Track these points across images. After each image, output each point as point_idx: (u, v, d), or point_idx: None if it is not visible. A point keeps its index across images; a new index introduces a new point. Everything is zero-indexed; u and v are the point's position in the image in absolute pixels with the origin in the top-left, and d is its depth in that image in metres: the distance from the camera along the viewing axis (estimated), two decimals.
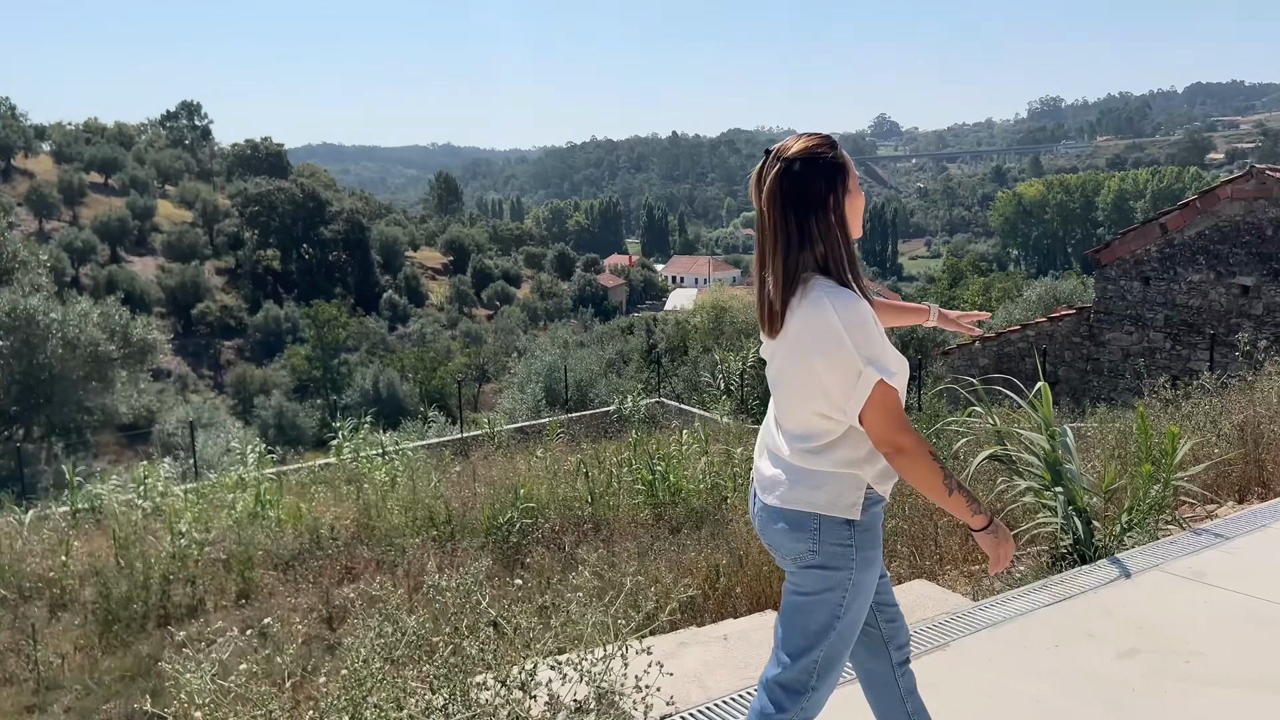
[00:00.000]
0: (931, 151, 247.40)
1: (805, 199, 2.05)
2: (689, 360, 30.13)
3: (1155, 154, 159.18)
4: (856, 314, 2.00)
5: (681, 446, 12.97)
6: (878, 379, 2.00)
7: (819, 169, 2.06)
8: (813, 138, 2.12)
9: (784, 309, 2.07)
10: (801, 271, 2.06)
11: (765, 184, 2.09)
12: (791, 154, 2.08)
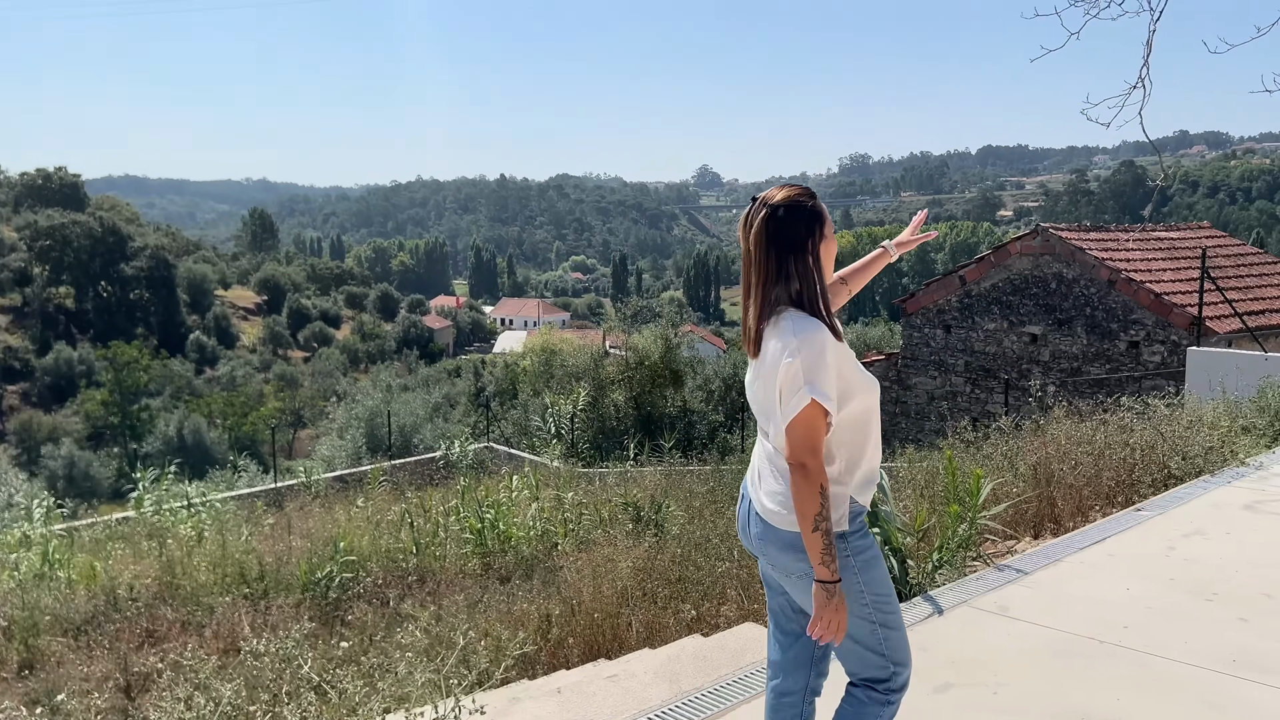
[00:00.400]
0: None
1: (787, 241, 2.31)
2: (519, 404, 29.90)
3: (953, 209, 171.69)
4: (814, 340, 2.23)
5: (511, 492, 12.79)
6: (811, 399, 2.19)
7: (800, 215, 2.32)
8: (795, 188, 2.37)
9: (760, 334, 2.33)
10: (778, 304, 2.32)
11: (753, 226, 2.33)
12: (776, 201, 2.33)
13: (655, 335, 25.52)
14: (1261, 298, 15.17)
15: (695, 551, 6.49)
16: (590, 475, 15.72)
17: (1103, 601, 4.10)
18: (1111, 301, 14.40)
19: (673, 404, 24.91)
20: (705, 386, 30.25)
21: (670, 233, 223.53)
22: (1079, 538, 4.96)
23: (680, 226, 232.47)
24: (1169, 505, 5.47)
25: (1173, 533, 4.96)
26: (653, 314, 32.19)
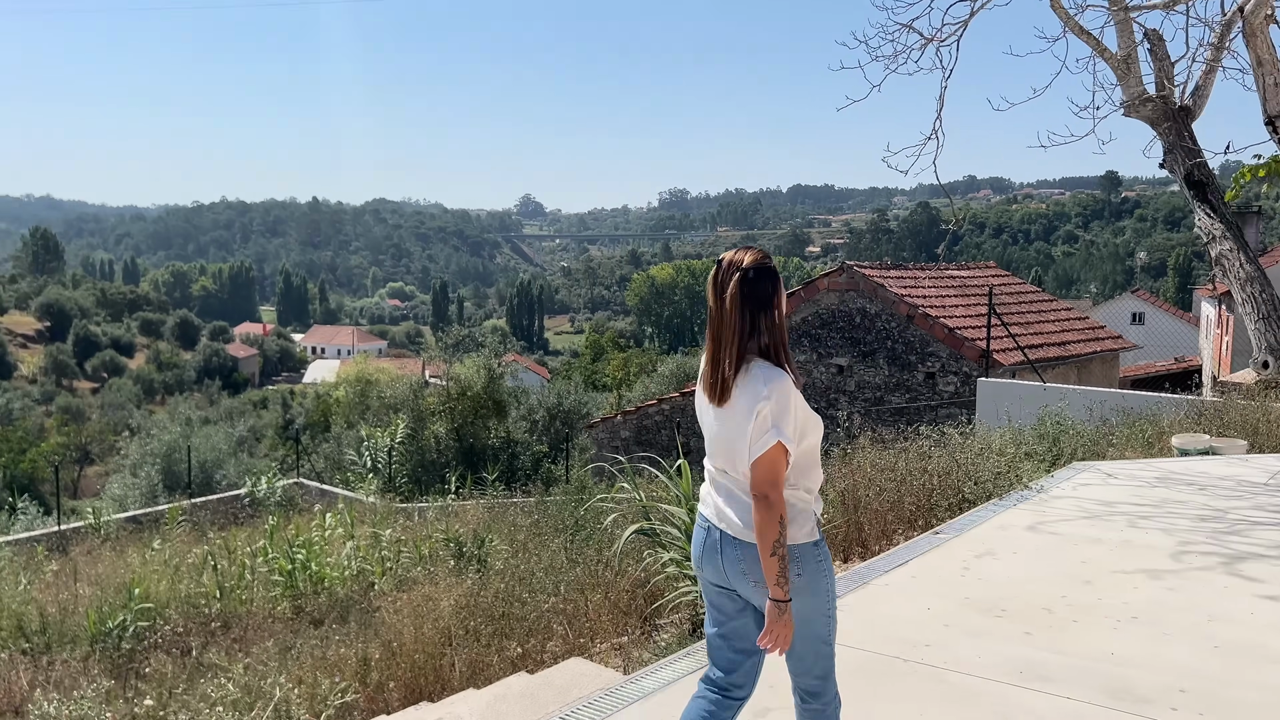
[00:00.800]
0: (574, 233, 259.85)
1: (758, 300, 2.62)
2: (332, 436, 28.77)
3: (766, 244, 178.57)
4: (781, 389, 2.57)
5: (324, 531, 12.27)
6: (776, 440, 2.54)
7: (767, 276, 2.64)
8: (756, 252, 2.69)
9: (732, 384, 2.62)
10: (748, 355, 2.61)
11: (728, 288, 2.62)
12: (747, 264, 2.64)
13: (478, 365, 25.20)
14: (1040, 332, 16.60)
15: (519, 586, 6.43)
16: (409, 510, 15.31)
17: (906, 621, 4.35)
18: (910, 335, 15.38)
19: (496, 435, 24.63)
20: (529, 417, 30.09)
21: (493, 261, 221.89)
22: (884, 561, 5.25)
23: (503, 255, 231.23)
24: (964, 528, 5.88)
25: (967, 554, 5.33)
26: (475, 343, 31.81)
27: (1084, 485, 6.99)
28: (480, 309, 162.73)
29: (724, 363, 2.63)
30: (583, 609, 5.55)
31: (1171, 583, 4.86)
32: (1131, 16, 7.94)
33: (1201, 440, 8.43)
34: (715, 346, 2.67)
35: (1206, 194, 7.80)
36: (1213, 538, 5.63)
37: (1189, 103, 8.10)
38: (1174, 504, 6.44)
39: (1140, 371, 26.98)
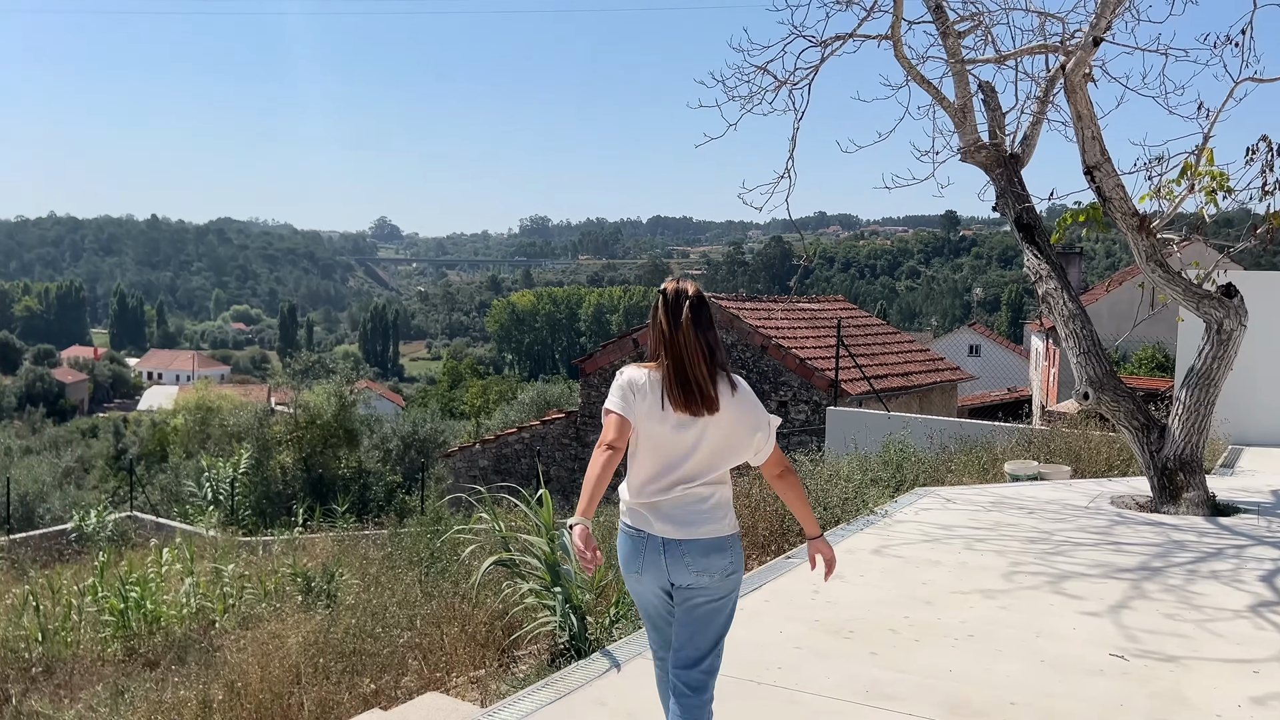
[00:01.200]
0: (432, 257, 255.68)
1: (708, 323, 2.99)
2: (169, 467, 27.24)
3: (626, 274, 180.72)
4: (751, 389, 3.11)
5: (161, 567, 11.63)
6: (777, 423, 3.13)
7: (706, 303, 3.05)
8: (692, 282, 3.09)
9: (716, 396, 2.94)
10: (717, 370, 2.96)
11: (683, 313, 2.95)
12: (693, 294, 3.01)
13: (328, 392, 24.40)
14: (885, 363, 17.37)
15: (372, 621, 6.25)
16: (253, 544, 14.67)
17: (761, 644, 4.46)
18: (764, 365, 15.83)
19: (347, 465, 23.88)
20: (382, 446, 29.31)
21: (345, 284, 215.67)
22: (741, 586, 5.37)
23: (356, 278, 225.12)
24: None
25: (817, 578, 5.51)
26: (325, 369, 30.86)
27: (925, 510, 7.35)
28: (331, 334, 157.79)
29: (700, 379, 2.94)
30: (438, 643, 5.44)
31: (1004, 601, 5.16)
32: (967, 69, 8.49)
33: (1031, 466, 9.00)
34: (679, 366, 2.93)
35: (1034, 236, 8.38)
36: (1040, 558, 6.01)
37: (1018, 151, 8.70)
38: (1006, 527, 6.84)
39: (977, 401, 28.56)
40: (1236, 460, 10.13)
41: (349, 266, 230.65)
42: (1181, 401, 7.65)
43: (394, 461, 29.24)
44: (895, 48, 8.26)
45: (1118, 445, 9.51)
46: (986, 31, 8.59)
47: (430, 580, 6.88)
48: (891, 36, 8.23)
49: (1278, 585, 5.48)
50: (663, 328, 2.94)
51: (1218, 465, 9.65)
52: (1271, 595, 5.30)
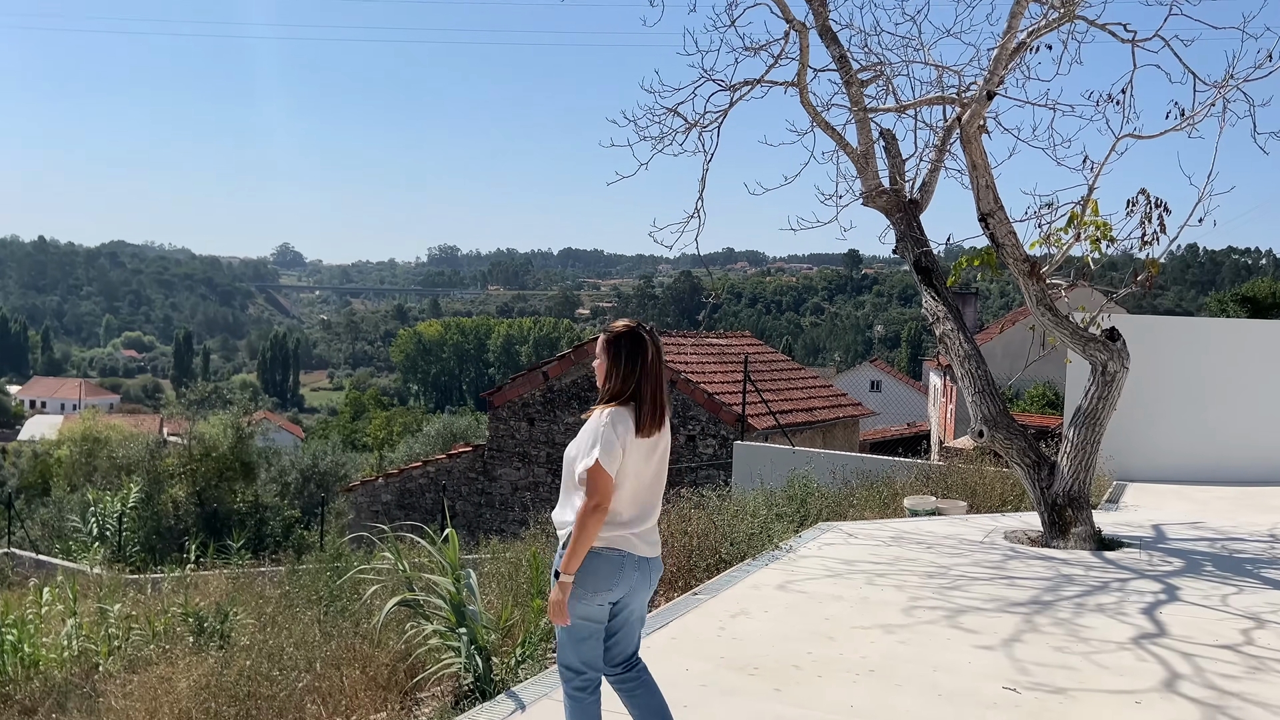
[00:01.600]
0: (336, 285, 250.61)
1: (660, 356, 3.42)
2: (52, 501, 25.92)
3: (537, 305, 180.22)
4: None
5: (40, 607, 11.05)
6: None
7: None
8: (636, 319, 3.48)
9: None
10: None
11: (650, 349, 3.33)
12: (651, 329, 3.40)
13: (224, 423, 23.62)
14: (790, 399, 17.69)
15: (268, 663, 6.04)
16: (141, 583, 14.06)
17: (666, 683, 4.45)
18: (674, 399, 15.94)
19: (243, 499, 23.10)
20: (281, 479, 28.46)
21: (245, 311, 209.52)
22: (647, 624, 5.37)
23: (257, 305, 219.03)
24: (719, 588, 6.13)
25: (723, 613, 5.56)
26: (222, 400, 29.86)
27: (828, 545, 7.48)
28: (229, 362, 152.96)
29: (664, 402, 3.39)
30: (338, 685, 5.29)
31: (903, 636, 5.28)
32: (870, 117, 8.79)
33: (929, 501, 9.26)
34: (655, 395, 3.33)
35: (932, 279, 8.69)
36: (938, 593, 6.17)
37: (918, 196, 9.03)
38: (906, 561, 7.02)
39: (878, 435, 29.27)
40: (1121, 496, 10.60)
41: (249, 293, 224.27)
42: (1069, 439, 7.99)
43: (292, 495, 28.40)
44: (801, 94, 8.51)
45: (1011, 481, 9.85)
46: (888, 82, 8.93)
47: (330, 620, 6.69)
48: (798, 84, 8.48)
49: (1158, 617, 5.75)
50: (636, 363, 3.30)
51: (1104, 501, 10.08)
52: (1152, 627, 5.54)
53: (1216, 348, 12.16)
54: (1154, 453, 11.78)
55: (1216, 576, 6.81)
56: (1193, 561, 7.29)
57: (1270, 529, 8.77)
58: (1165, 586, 6.47)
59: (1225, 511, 9.71)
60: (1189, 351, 12.09)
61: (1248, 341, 12.37)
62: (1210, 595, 6.28)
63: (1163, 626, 5.56)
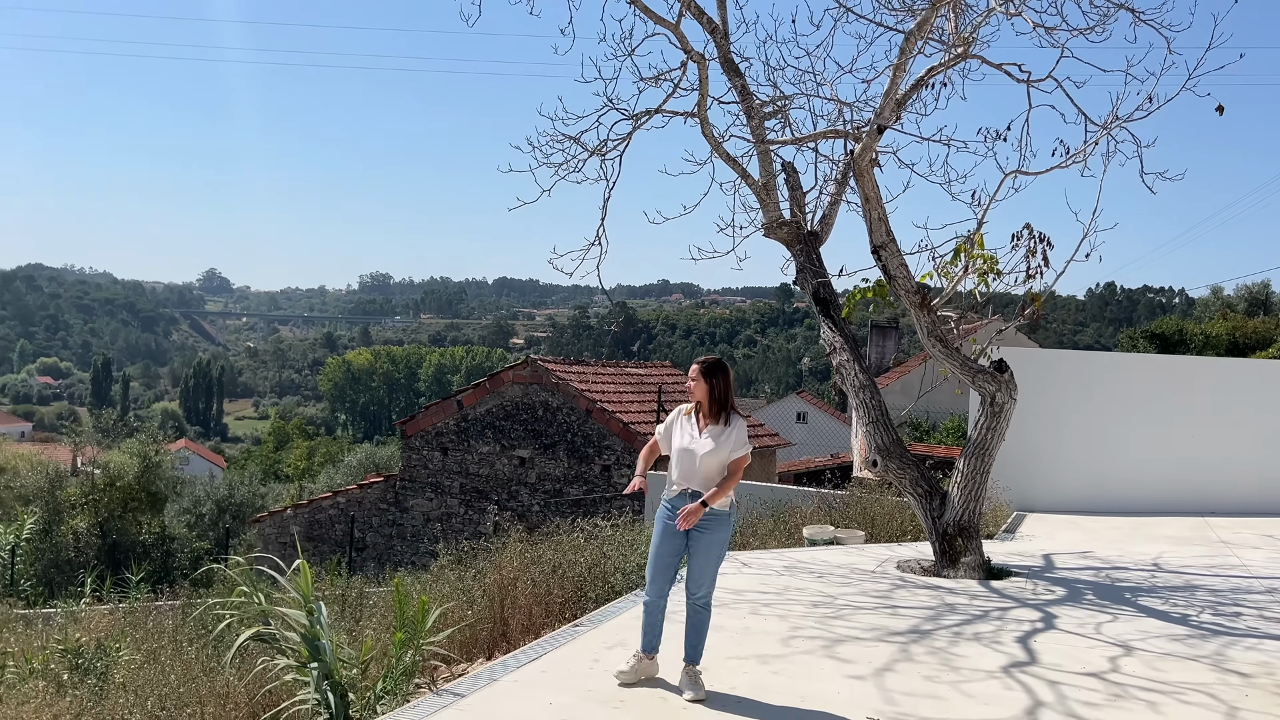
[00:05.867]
0: (263, 312, 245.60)
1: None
2: None
3: (470, 334, 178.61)
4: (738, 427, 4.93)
5: None
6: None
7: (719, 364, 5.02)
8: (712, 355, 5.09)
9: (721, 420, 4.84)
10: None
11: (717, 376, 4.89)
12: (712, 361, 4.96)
13: (132, 452, 22.85)
14: None
15: (129, 700, 5.76)
16: (31, 618, 13.43)
17: (525, 718, 4.36)
18: (589, 429, 15.85)
19: (149, 530, 22.30)
20: (195, 509, 27.55)
21: (168, 338, 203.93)
22: (519, 656, 5.26)
23: (181, 332, 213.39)
24: (603, 619, 6.03)
25: (599, 645, 5.46)
26: (132, 428, 28.91)
27: (721, 575, 7.42)
28: (150, 390, 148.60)
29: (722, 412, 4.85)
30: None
31: (777, 666, 5.24)
32: (771, 149, 8.89)
33: (827, 531, 9.30)
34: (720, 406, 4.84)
35: (830, 310, 8.78)
36: (820, 622, 6.16)
37: (817, 229, 9.14)
38: (794, 591, 7.00)
39: (802, 466, 29.45)
40: (1019, 526, 10.78)
41: (173, 319, 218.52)
42: (960, 470, 8.10)
43: (206, 527, 27.51)
44: (701, 125, 8.57)
45: (909, 511, 9.95)
46: (786, 115, 9.05)
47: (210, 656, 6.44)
48: (697, 114, 8.54)
49: (1031, 646, 5.81)
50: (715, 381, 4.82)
51: (1000, 530, 10.23)
52: (1023, 655, 5.60)
53: (1110, 380, 12.50)
54: (1052, 483, 12.02)
55: (1094, 605, 6.93)
56: (1074, 590, 7.41)
57: (1155, 558, 8.98)
58: (1043, 615, 6.56)
59: (1115, 541, 9.92)
60: (1084, 384, 12.41)
61: (1138, 375, 12.74)
62: (1085, 623, 6.37)
63: (1034, 655, 5.61)
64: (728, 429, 4.76)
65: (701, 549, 4.74)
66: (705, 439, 4.76)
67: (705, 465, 4.72)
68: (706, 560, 4.76)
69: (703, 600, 4.80)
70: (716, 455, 4.72)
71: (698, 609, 4.80)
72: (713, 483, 4.70)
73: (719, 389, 4.79)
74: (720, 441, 4.73)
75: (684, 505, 4.69)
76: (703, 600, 4.80)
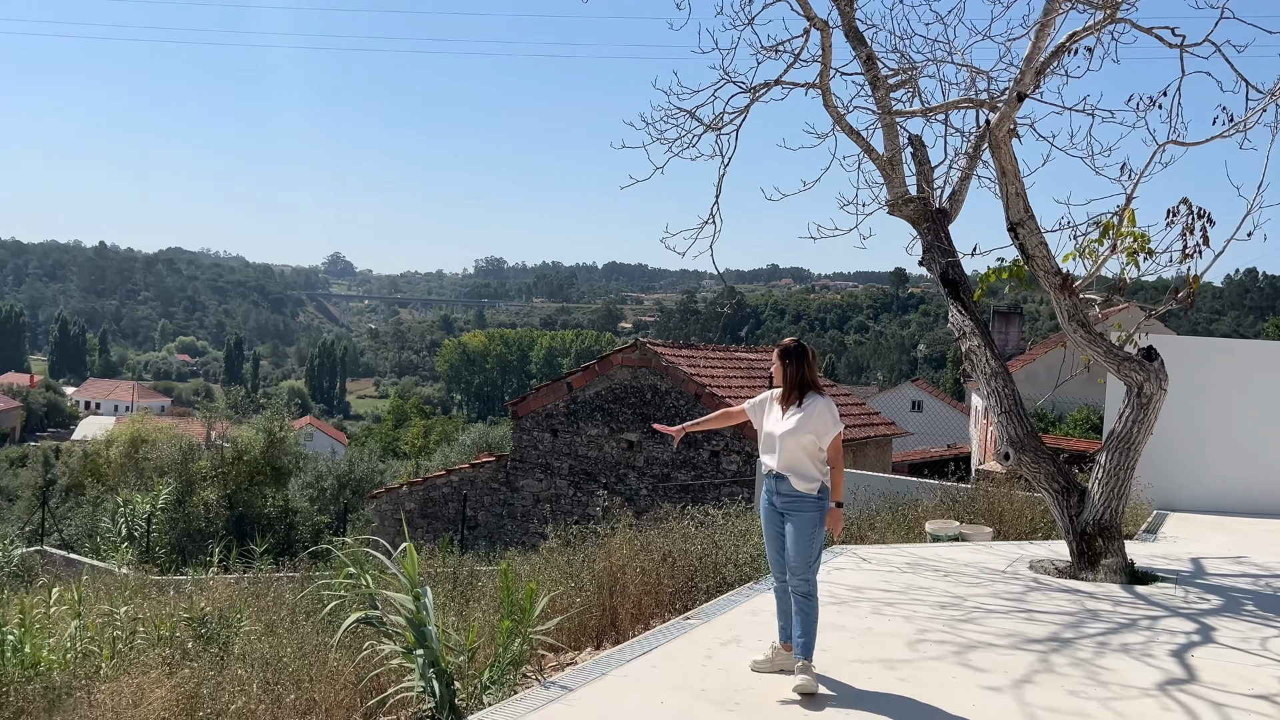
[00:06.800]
0: (384, 295, 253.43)
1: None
2: (88, 501, 26.20)
3: (580, 318, 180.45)
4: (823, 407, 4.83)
5: (49, 606, 10.98)
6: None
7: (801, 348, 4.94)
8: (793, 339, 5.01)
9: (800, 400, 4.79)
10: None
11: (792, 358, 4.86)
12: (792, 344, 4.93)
13: (258, 428, 23.69)
14: None
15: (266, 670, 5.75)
16: (164, 585, 14.02)
17: (636, 717, 4.14)
18: (697, 413, 15.58)
19: (273, 504, 23.11)
20: (317, 484, 28.47)
21: (295, 319, 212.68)
22: (628, 650, 5.05)
23: (307, 313, 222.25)
24: (715, 613, 5.78)
25: (713, 641, 5.21)
26: (258, 405, 30.03)
27: (838, 570, 7.09)
28: (278, 368, 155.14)
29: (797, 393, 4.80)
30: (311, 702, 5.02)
31: (904, 673, 4.89)
32: (897, 121, 8.41)
33: (952, 526, 8.81)
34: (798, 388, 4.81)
35: (959, 292, 8.26)
36: (949, 625, 5.76)
37: (946, 206, 8.62)
38: (919, 590, 6.60)
39: (916, 456, 28.58)
40: (1160, 526, 10.03)
41: (300, 301, 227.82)
42: (1101, 465, 7.52)
43: (327, 501, 28.39)
44: (824, 97, 8.16)
45: (1041, 507, 9.35)
46: (915, 85, 8.54)
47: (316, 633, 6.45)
48: (820, 85, 8.13)
49: (1188, 661, 5.28)
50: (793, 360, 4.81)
51: (1140, 531, 9.53)
52: (1180, 672, 5.09)
53: (1261, 370, 11.52)
54: (1197, 481, 11.16)
55: (1257, 617, 6.31)
56: (1232, 600, 6.78)
57: None
58: (1199, 627, 5.99)
59: (1270, 545, 9.12)
60: (1234, 375, 11.47)
61: None
62: (1249, 638, 5.78)
63: (1193, 672, 5.10)
64: (807, 409, 4.70)
65: (790, 531, 4.67)
66: (786, 420, 4.73)
67: (785, 447, 4.68)
68: (795, 544, 4.64)
69: (799, 587, 4.63)
70: (795, 436, 4.67)
71: (796, 596, 4.65)
72: (796, 464, 4.66)
73: (796, 371, 4.77)
74: (799, 422, 4.68)
75: (772, 486, 4.75)
76: (799, 587, 4.63)
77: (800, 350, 4.85)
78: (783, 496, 4.70)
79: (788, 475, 4.67)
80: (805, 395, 4.76)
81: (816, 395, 4.78)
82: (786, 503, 4.67)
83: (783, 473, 4.69)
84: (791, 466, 4.67)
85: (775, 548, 4.81)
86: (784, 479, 4.69)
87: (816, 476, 4.67)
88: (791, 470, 4.67)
